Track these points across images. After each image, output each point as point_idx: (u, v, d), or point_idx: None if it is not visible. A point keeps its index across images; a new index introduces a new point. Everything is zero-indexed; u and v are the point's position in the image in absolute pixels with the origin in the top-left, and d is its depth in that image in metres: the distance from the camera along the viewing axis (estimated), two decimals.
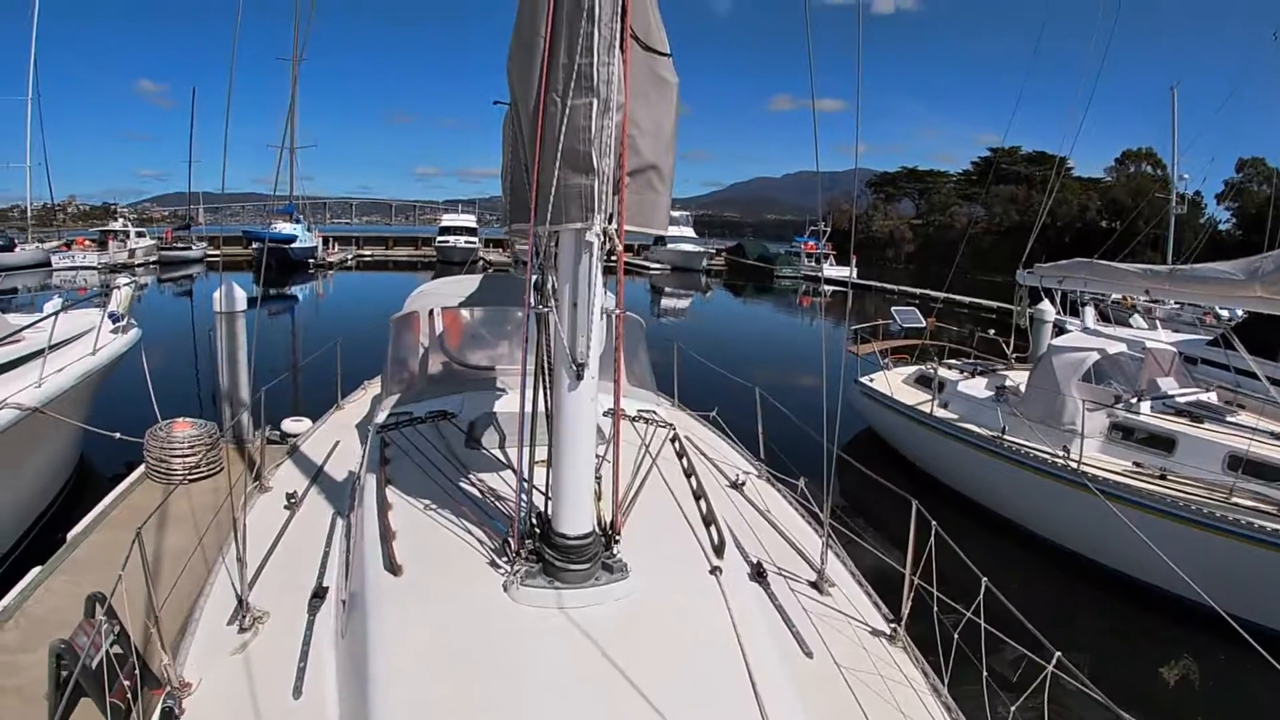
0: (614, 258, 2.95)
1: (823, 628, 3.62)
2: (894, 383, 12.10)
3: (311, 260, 49.45)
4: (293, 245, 45.89)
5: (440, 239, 56.57)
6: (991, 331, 14.32)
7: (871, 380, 12.64)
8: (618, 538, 3.30)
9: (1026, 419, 9.58)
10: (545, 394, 3.28)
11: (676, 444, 4.94)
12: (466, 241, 53.71)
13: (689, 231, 61.69)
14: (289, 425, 9.43)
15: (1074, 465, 8.47)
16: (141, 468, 8.35)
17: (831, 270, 52.98)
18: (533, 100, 2.81)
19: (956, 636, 3.45)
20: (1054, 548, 9.14)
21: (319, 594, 3.69)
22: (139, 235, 50.27)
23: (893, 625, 3.76)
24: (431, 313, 6.15)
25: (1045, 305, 15.28)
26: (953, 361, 12.58)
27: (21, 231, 46.38)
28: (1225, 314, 12.83)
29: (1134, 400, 9.20)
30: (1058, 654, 3.09)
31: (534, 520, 3.27)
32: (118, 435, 7.86)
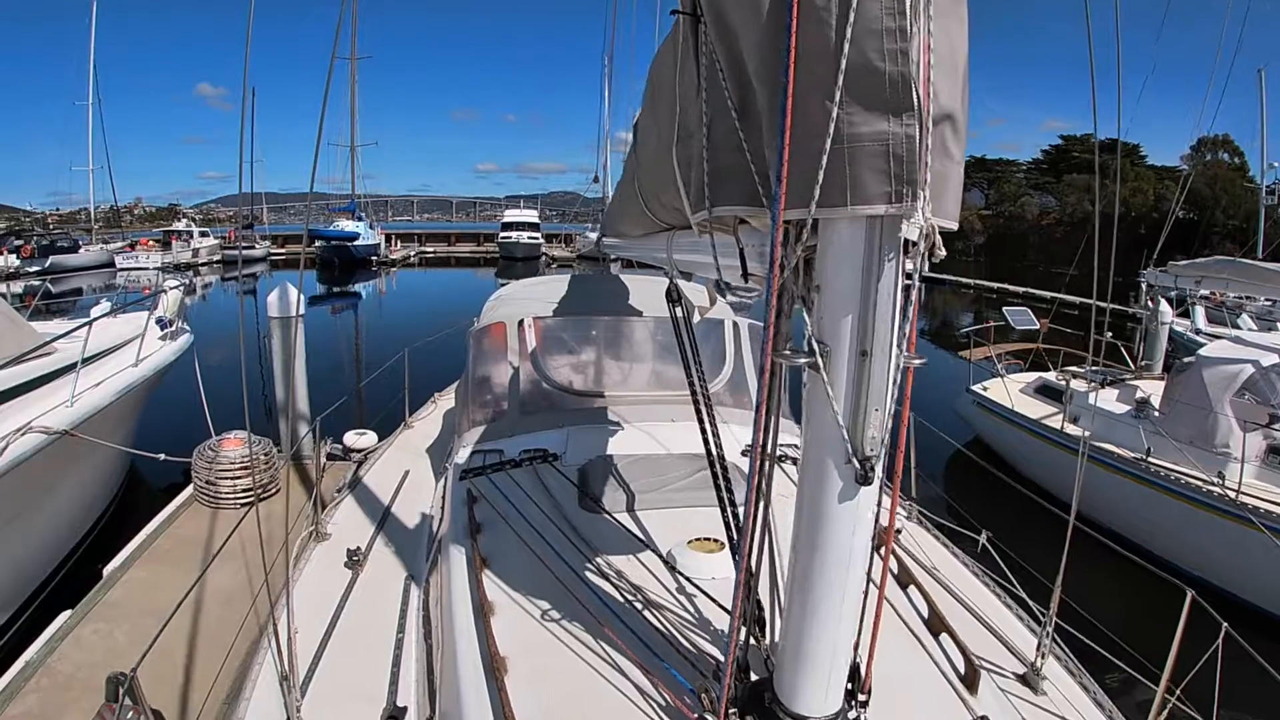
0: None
1: None
2: (1012, 392, 10.87)
3: (374, 258, 49.91)
4: (355, 243, 46.57)
5: (503, 235, 56.58)
6: (1109, 335, 12.98)
7: (985, 389, 11.42)
8: (866, 698, 1.98)
9: (1173, 439, 8.34)
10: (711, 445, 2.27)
11: None
12: (529, 237, 53.89)
13: None
14: (351, 439, 8.62)
15: (1232, 494, 7.33)
16: (189, 489, 7.59)
17: None
18: None
19: None
20: (1211, 589, 7.89)
21: (395, 716, 2.78)
22: (202, 235, 51.22)
23: None
24: (521, 324, 4.93)
25: (1164, 308, 13.92)
26: (1074, 369, 11.26)
27: (87, 233, 47.28)
28: None
29: None
30: None
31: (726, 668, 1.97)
32: (162, 457, 7.04)
